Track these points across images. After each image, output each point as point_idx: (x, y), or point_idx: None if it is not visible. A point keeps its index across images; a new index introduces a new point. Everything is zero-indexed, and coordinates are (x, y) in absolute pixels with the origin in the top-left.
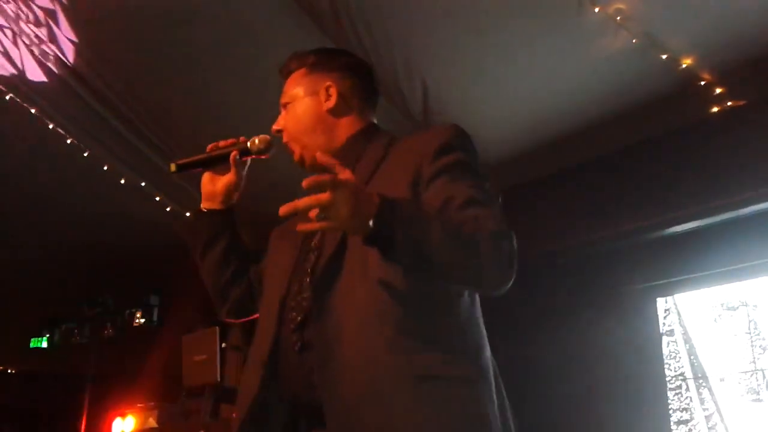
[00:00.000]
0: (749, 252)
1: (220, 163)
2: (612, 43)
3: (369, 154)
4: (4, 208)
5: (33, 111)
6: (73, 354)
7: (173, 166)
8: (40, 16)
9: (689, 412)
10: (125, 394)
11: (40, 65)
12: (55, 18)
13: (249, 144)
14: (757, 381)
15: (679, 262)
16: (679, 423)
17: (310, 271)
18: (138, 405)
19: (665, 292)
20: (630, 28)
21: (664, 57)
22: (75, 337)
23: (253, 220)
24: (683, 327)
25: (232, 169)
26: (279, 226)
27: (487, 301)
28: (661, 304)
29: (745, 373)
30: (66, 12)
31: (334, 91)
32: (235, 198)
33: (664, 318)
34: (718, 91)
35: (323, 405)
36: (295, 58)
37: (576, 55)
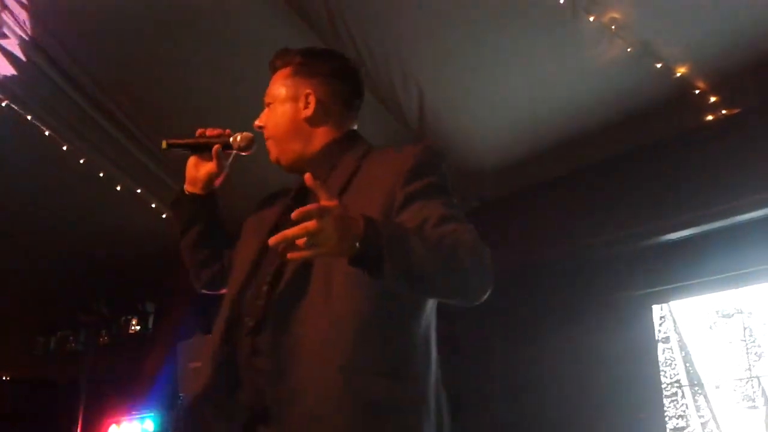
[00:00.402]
0: (744, 259)
1: (205, 150)
2: (606, 51)
3: (343, 166)
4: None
5: (29, 117)
6: (69, 361)
7: (164, 143)
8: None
9: (685, 419)
10: (121, 401)
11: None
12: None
13: (231, 140)
14: (753, 388)
15: (674, 270)
16: (675, 430)
17: (269, 280)
18: (133, 412)
19: (661, 299)
20: (624, 37)
21: (659, 65)
22: (70, 344)
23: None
24: (679, 334)
25: (214, 160)
26: (253, 215)
27: (483, 310)
28: (656, 311)
29: (741, 380)
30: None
31: (312, 99)
32: (216, 186)
33: (660, 325)
34: (713, 99)
35: (270, 415)
36: (282, 55)
37: (571, 64)
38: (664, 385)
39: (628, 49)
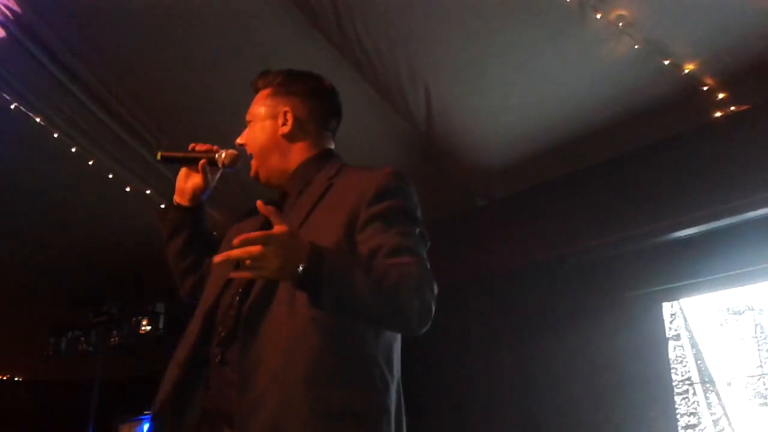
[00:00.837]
0: (755, 256)
1: (194, 164)
2: (614, 49)
3: (316, 183)
4: (11, 217)
5: (38, 120)
6: (80, 361)
7: (159, 155)
8: None
9: (697, 417)
10: (132, 402)
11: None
12: None
13: (216, 156)
14: (765, 385)
15: (684, 267)
16: (686, 428)
17: (240, 291)
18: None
19: (671, 296)
20: (632, 34)
21: (667, 62)
22: (82, 345)
23: None
24: (689, 331)
25: (200, 174)
26: (236, 224)
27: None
28: (667, 308)
29: (752, 377)
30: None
31: (290, 116)
32: (202, 199)
33: (671, 322)
34: (721, 96)
35: (235, 423)
36: (263, 76)
37: (579, 61)
38: (675, 383)
39: (636, 47)
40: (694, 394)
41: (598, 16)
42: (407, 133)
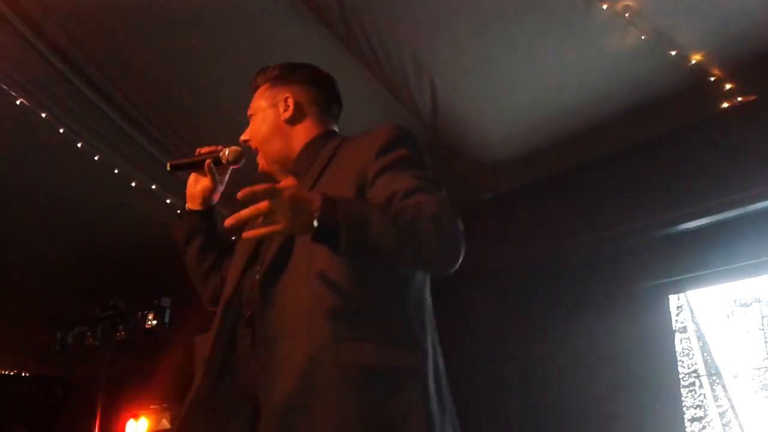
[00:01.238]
0: (762, 248)
1: (201, 167)
2: (621, 40)
3: (320, 158)
4: (18, 212)
5: (43, 115)
6: (86, 356)
7: (168, 165)
8: None
9: (703, 409)
10: (138, 396)
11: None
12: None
13: (220, 154)
14: None
15: (691, 259)
16: (693, 420)
17: (259, 267)
18: (151, 406)
19: (677, 289)
20: (638, 25)
21: (674, 53)
22: (88, 340)
23: None
24: (696, 324)
25: (207, 176)
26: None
27: (499, 301)
28: (673, 301)
29: (759, 369)
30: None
31: (291, 101)
32: (213, 200)
33: (677, 315)
34: (729, 86)
35: (260, 398)
36: (261, 73)
37: (585, 53)
38: (681, 375)
39: (642, 37)
40: (701, 386)
41: (604, 7)
42: (412, 127)
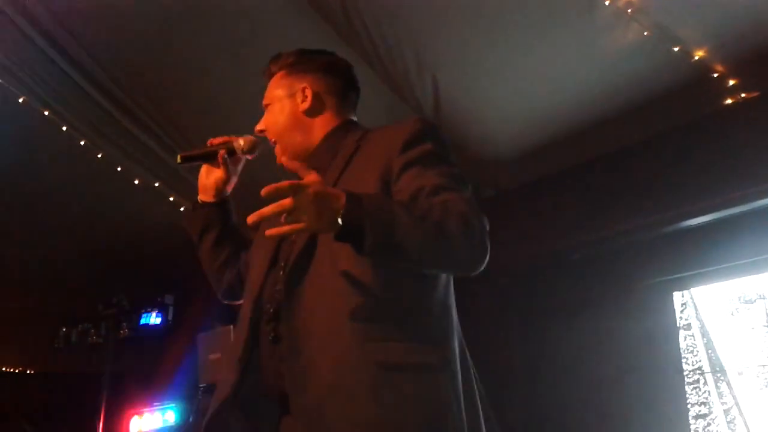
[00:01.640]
0: (766, 244)
1: (214, 158)
2: (623, 36)
3: (342, 151)
4: (21, 210)
5: (46, 113)
6: (90, 354)
7: (179, 158)
8: None
9: (707, 406)
10: (142, 393)
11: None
12: None
13: (235, 144)
14: None
15: (695, 256)
16: (697, 417)
17: (283, 264)
18: (155, 404)
19: (682, 285)
20: (641, 21)
21: (676, 49)
22: (91, 337)
23: None
24: (700, 321)
25: (221, 166)
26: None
27: (502, 299)
28: (677, 297)
29: (764, 366)
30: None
31: (309, 92)
32: (227, 192)
33: (681, 312)
34: (732, 82)
35: (289, 396)
36: (275, 60)
37: (587, 49)
38: (686, 372)
39: (645, 33)
40: (705, 383)
41: (606, 3)
42: None
